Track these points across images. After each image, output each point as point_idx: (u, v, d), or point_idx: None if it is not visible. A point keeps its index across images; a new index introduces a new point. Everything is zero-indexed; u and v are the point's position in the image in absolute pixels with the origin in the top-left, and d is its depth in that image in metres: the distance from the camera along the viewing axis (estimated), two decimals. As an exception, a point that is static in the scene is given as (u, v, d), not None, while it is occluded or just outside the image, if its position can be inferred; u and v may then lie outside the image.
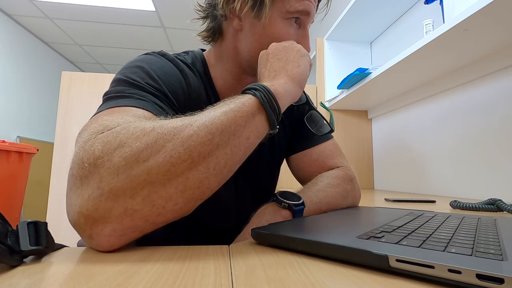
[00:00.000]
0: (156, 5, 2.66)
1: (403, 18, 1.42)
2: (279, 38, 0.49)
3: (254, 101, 0.36)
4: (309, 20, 0.51)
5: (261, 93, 0.36)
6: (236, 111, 0.34)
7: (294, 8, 0.48)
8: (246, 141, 0.34)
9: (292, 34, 0.50)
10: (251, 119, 0.35)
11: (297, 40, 0.50)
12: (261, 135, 0.37)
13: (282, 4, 0.48)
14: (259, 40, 0.50)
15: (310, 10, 0.50)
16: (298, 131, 0.64)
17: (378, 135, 1.62)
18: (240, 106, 0.35)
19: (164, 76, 0.46)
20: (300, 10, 0.49)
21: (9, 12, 2.82)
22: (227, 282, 0.20)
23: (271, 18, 0.48)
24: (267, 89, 0.37)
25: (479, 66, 0.93)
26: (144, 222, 0.29)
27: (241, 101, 0.35)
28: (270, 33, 0.49)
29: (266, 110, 0.36)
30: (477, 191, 0.94)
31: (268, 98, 0.36)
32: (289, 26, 0.50)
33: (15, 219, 1.74)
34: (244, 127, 0.34)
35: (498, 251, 0.23)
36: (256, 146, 0.37)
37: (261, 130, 0.36)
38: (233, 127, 0.33)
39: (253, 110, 0.35)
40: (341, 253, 0.24)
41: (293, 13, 0.49)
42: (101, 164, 0.28)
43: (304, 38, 0.52)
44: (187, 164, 0.29)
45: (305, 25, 0.52)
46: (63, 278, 0.21)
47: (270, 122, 0.36)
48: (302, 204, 0.44)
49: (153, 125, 0.31)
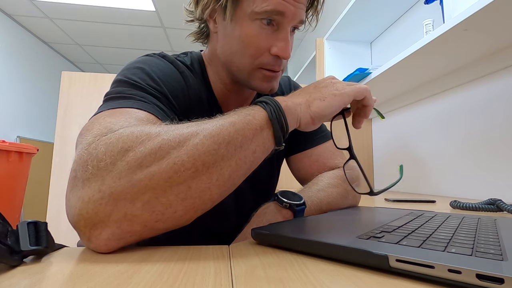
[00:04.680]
0: (156, 5, 2.66)
1: (403, 18, 1.42)
2: (245, 41, 0.45)
3: (264, 115, 0.35)
4: (287, 21, 0.45)
5: (271, 108, 0.35)
6: (245, 123, 0.33)
7: (260, 8, 0.43)
8: (252, 155, 0.34)
9: (260, 37, 0.45)
10: (259, 133, 0.34)
11: (272, 44, 0.46)
12: (267, 151, 0.36)
13: (247, 5, 0.44)
14: (229, 43, 0.48)
15: (284, 9, 0.44)
16: (298, 132, 0.64)
17: (378, 135, 1.62)
18: (249, 119, 0.34)
19: (165, 77, 0.46)
20: (268, 10, 0.43)
21: (9, 12, 2.82)
22: (227, 282, 0.20)
23: (237, 20, 0.45)
24: (278, 104, 0.36)
25: (479, 66, 0.93)
26: (142, 227, 0.29)
27: (251, 113, 0.35)
28: (237, 35, 0.46)
29: (273, 126, 0.35)
30: (477, 191, 0.94)
31: (277, 113, 0.35)
32: (257, 28, 0.45)
33: (15, 219, 1.74)
34: (252, 140, 0.33)
35: (498, 251, 0.23)
36: (261, 161, 0.36)
37: (268, 145, 0.35)
38: (240, 139, 0.32)
39: (262, 124, 0.34)
40: (341, 253, 0.24)
41: (260, 14, 0.44)
42: (104, 167, 0.28)
43: (280, 41, 0.46)
44: (190, 172, 0.29)
45: (284, 27, 0.45)
46: (63, 278, 0.21)
47: (276, 138, 0.35)
48: (303, 204, 0.44)
49: (158, 131, 0.31)
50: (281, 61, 0.48)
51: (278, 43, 0.46)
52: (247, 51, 0.46)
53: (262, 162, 0.44)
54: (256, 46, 0.46)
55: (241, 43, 0.46)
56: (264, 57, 0.47)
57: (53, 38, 3.33)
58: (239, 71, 0.49)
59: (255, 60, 0.47)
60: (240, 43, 0.46)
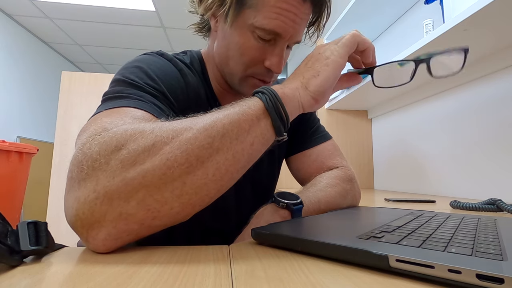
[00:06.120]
0: (156, 5, 2.66)
1: (403, 18, 1.41)
2: (242, 49, 0.46)
3: (260, 105, 0.34)
4: (284, 41, 0.46)
5: (266, 97, 0.34)
6: (240, 114, 0.32)
7: (260, 24, 0.43)
8: (250, 148, 0.32)
9: (256, 49, 0.46)
10: (255, 124, 0.33)
11: (266, 57, 0.47)
12: (266, 142, 0.34)
13: (249, 16, 0.44)
14: (226, 46, 0.48)
15: (282, 32, 0.44)
16: (297, 132, 0.64)
17: (378, 135, 1.62)
18: (245, 109, 0.33)
19: (163, 76, 0.46)
20: (267, 29, 0.44)
21: (9, 12, 2.82)
22: (227, 282, 0.20)
23: (238, 27, 0.46)
24: (274, 92, 0.34)
25: (479, 66, 0.93)
26: (139, 226, 0.28)
27: (247, 104, 0.34)
28: (235, 41, 0.46)
29: (271, 115, 0.33)
30: (477, 191, 0.94)
31: (274, 102, 0.34)
32: (254, 40, 0.45)
33: (15, 219, 1.74)
34: (248, 132, 0.32)
35: (498, 251, 0.23)
36: (261, 153, 0.34)
37: (267, 136, 0.34)
38: (236, 131, 0.31)
39: (258, 114, 0.33)
40: (341, 253, 0.24)
41: (259, 29, 0.44)
42: (98, 167, 0.28)
43: (275, 57, 0.46)
44: (184, 168, 0.28)
45: (279, 44, 0.46)
46: (63, 278, 0.21)
47: (275, 128, 0.34)
48: (300, 203, 0.44)
49: (152, 128, 0.30)
50: (273, 74, 0.49)
51: (272, 58, 0.47)
52: (241, 59, 0.47)
53: (264, 160, 0.43)
54: (251, 57, 0.47)
55: (238, 50, 0.47)
56: (257, 68, 0.48)
57: (53, 38, 3.33)
58: (231, 75, 0.51)
59: (248, 69, 0.48)
60: (236, 49, 0.47)
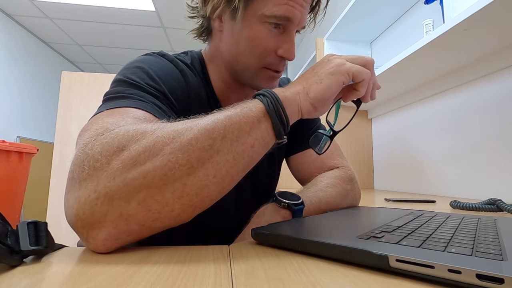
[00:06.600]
0: (156, 5, 2.66)
1: (403, 18, 1.42)
2: (254, 42, 0.47)
3: (261, 107, 0.34)
4: (294, 26, 0.47)
5: (268, 99, 0.34)
6: (241, 116, 0.32)
7: (271, 12, 0.44)
8: (251, 150, 0.32)
9: (269, 39, 0.47)
10: (256, 126, 0.33)
11: (279, 45, 0.48)
12: (267, 145, 0.34)
13: (258, 7, 0.45)
14: (236, 42, 0.48)
15: (292, 16, 0.45)
16: (297, 132, 0.64)
17: (378, 135, 1.62)
18: (246, 111, 0.33)
19: (164, 76, 0.46)
20: (278, 16, 0.45)
21: (9, 12, 2.82)
22: (227, 282, 0.20)
23: (247, 21, 0.46)
24: (275, 95, 0.35)
25: (479, 66, 0.93)
26: (139, 227, 0.28)
27: (248, 106, 0.34)
28: (245, 36, 0.47)
29: (271, 118, 0.34)
30: (477, 191, 0.94)
31: (275, 105, 0.34)
32: (266, 30, 0.46)
33: (15, 219, 1.74)
34: (249, 134, 0.32)
35: (498, 251, 0.23)
36: (262, 156, 0.35)
37: (267, 139, 0.34)
38: (236, 133, 0.31)
39: (259, 117, 0.33)
40: (341, 253, 0.24)
41: (270, 18, 0.45)
42: (99, 167, 0.28)
43: (287, 43, 0.48)
44: (185, 169, 0.28)
45: (290, 30, 0.47)
46: (63, 278, 0.21)
47: (275, 131, 0.34)
48: (301, 203, 0.44)
49: (154, 128, 0.30)
50: (285, 62, 0.50)
51: (284, 45, 0.48)
52: (255, 52, 0.48)
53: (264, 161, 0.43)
54: (264, 47, 0.47)
55: (250, 43, 0.47)
56: (270, 58, 0.49)
57: (53, 38, 3.33)
58: (245, 70, 0.50)
59: (262, 60, 0.48)
60: (248, 43, 0.47)
